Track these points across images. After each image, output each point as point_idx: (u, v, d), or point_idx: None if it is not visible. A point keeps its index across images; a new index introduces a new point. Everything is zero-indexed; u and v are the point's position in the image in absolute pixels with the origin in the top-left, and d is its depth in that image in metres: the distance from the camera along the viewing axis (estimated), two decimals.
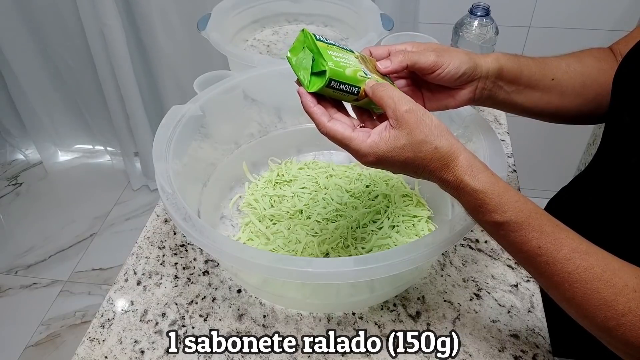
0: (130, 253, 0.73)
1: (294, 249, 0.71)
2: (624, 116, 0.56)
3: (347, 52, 0.50)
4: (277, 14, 1.19)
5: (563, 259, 0.42)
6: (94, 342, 0.63)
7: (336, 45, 0.50)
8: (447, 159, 0.45)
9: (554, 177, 1.76)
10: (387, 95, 0.46)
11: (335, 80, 0.47)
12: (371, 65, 0.52)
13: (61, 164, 2.16)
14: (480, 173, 0.45)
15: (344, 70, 0.47)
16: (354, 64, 0.49)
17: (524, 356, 0.60)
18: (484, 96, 0.57)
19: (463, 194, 0.45)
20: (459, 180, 0.45)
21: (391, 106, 0.45)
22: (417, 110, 0.45)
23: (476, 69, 0.54)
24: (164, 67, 1.72)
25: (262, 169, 0.87)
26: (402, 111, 0.45)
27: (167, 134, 0.66)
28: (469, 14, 0.86)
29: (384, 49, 0.54)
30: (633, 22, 1.44)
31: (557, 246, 0.42)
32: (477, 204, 0.45)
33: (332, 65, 0.47)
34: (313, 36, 0.49)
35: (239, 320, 0.64)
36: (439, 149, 0.44)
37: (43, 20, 1.71)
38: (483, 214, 0.45)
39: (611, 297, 0.40)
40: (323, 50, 0.48)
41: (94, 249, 1.82)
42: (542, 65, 0.59)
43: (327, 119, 0.48)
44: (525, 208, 0.44)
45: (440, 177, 0.46)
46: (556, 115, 0.62)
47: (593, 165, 0.68)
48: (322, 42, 0.48)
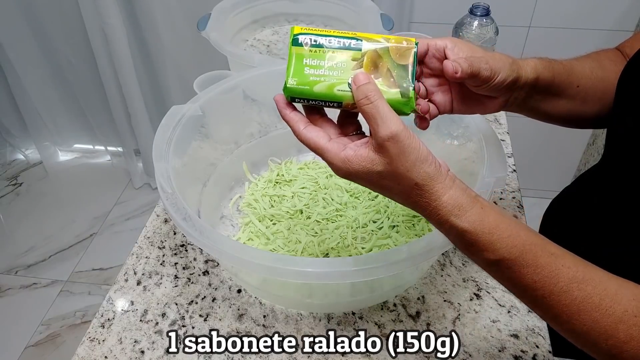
0: (130, 253, 0.73)
1: (294, 249, 0.71)
2: (627, 121, 0.55)
3: (343, 53, 0.44)
4: (277, 14, 1.19)
5: (560, 292, 0.40)
6: (94, 342, 0.63)
7: (327, 46, 0.44)
8: (429, 197, 0.41)
9: (554, 177, 1.77)
10: (373, 113, 0.41)
11: (299, 97, 0.44)
12: (394, 57, 0.45)
13: (61, 164, 2.16)
14: (468, 211, 0.41)
15: (311, 87, 0.43)
16: (338, 74, 0.44)
17: (524, 356, 0.60)
18: (513, 104, 0.55)
19: (450, 234, 0.43)
20: (443, 221, 0.42)
21: (374, 127, 0.41)
22: (402, 139, 0.40)
23: (518, 80, 0.51)
24: (166, 66, 1.72)
25: (262, 169, 0.87)
26: (384, 137, 0.40)
27: (167, 133, 0.66)
28: (469, 14, 0.86)
29: (423, 43, 0.49)
30: (633, 22, 1.44)
31: (554, 279, 0.40)
32: (466, 243, 0.42)
33: (293, 83, 0.43)
34: (292, 40, 0.44)
35: (239, 320, 0.64)
36: (421, 186, 0.41)
37: (45, 18, 1.71)
38: (473, 253, 0.42)
39: (611, 326, 0.39)
40: (297, 59, 0.44)
41: (94, 249, 1.82)
42: (569, 72, 0.57)
43: (302, 125, 0.44)
44: (518, 242, 0.41)
45: (422, 212, 0.43)
46: (576, 120, 0.61)
47: (599, 167, 0.68)
48: (301, 47, 0.44)
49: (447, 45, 0.49)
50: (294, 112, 0.45)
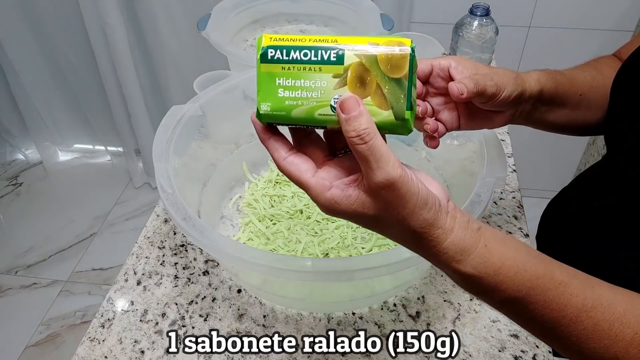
0: (130, 253, 0.73)
1: (294, 249, 0.71)
2: (622, 125, 0.56)
3: (321, 69, 0.36)
4: (277, 14, 1.19)
5: (569, 323, 0.39)
6: (94, 342, 0.63)
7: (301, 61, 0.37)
8: (428, 244, 0.38)
9: (554, 177, 1.77)
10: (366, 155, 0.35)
11: (277, 122, 0.38)
12: (385, 69, 0.36)
13: (61, 163, 2.17)
14: (471, 254, 0.38)
15: (287, 113, 0.37)
16: (317, 96, 0.37)
17: (524, 356, 0.60)
18: (520, 117, 0.55)
19: (453, 277, 0.40)
20: (446, 264, 0.38)
21: (366, 171, 0.35)
22: (400, 186, 0.35)
23: (523, 93, 0.51)
24: (166, 66, 1.72)
25: (262, 169, 0.87)
26: (379, 184, 0.35)
27: (167, 133, 0.66)
28: (469, 14, 0.87)
29: (427, 63, 0.49)
30: (633, 22, 1.44)
31: (562, 311, 0.38)
32: (470, 286, 0.40)
33: (266, 109, 0.37)
34: (260, 55, 0.37)
35: (239, 320, 0.64)
36: (419, 234, 0.37)
37: (45, 18, 1.71)
38: (479, 294, 0.40)
39: (622, 351, 0.38)
40: (268, 79, 0.37)
41: (94, 249, 1.83)
42: (571, 81, 0.57)
43: (284, 154, 0.39)
44: (525, 279, 0.38)
45: (422, 255, 0.40)
46: (579, 128, 0.61)
47: (599, 168, 0.68)
48: (272, 64, 0.37)
49: (451, 64, 0.49)
50: (274, 137, 0.40)
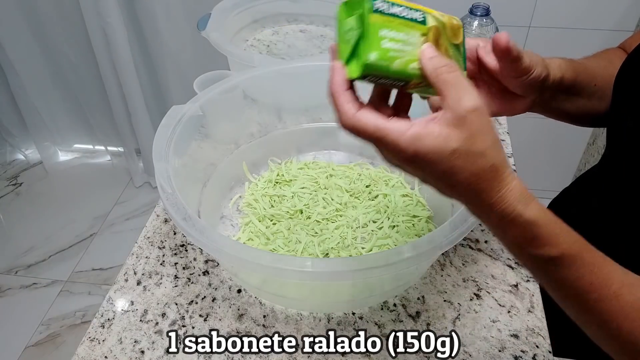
0: (130, 253, 0.73)
1: (294, 249, 0.71)
2: (626, 121, 0.55)
3: (413, 27, 0.39)
4: (277, 14, 1.19)
5: (613, 296, 0.37)
6: (94, 342, 0.63)
7: (401, 16, 0.38)
8: (500, 183, 0.37)
9: (554, 177, 1.77)
10: (452, 81, 0.36)
11: (374, 75, 0.38)
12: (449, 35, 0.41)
13: (61, 164, 2.16)
14: (532, 201, 0.37)
15: (389, 63, 0.37)
16: (411, 50, 0.38)
17: (524, 356, 0.60)
18: (539, 104, 0.53)
19: (511, 226, 0.38)
20: (510, 209, 0.37)
21: (454, 97, 0.36)
22: (485, 112, 0.36)
23: (548, 77, 0.50)
24: (166, 65, 1.72)
25: (262, 169, 0.87)
26: (468, 108, 0.35)
27: (167, 133, 0.66)
28: (469, 14, 0.87)
29: None
30: (633, 22, 1.44)
31: (608, 282, 0.37)
32: (527, 237, 0.38)
33: (374, 58, 0.36)
34: (371, 5, 0.37)
35: (239, 320, 0.64)
36: (497, 168, 0.36)
37: (45, 18, 1.71)
38: (533, 248, 0.38)
39: None
40: (373, 30, 0.36)
41: (94, 249, 1.83)
42: (587, 71, 0.57)
43: (355, 109, 0.38)
44: (577, 239, 0.38)
45: (485, 200, 0.37)
46: (592, 118, 0.61)
47: (599, 168, 0.68)
48: (380, 15, 0.37)
49: (479, 44, 0.49)
50: (350, 90, 0.38)
